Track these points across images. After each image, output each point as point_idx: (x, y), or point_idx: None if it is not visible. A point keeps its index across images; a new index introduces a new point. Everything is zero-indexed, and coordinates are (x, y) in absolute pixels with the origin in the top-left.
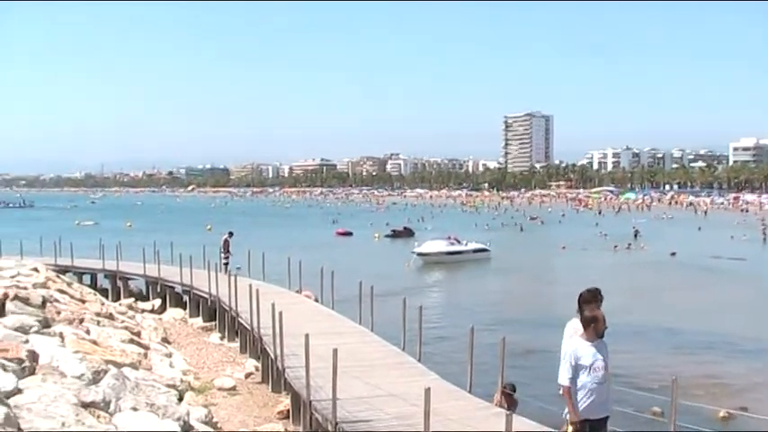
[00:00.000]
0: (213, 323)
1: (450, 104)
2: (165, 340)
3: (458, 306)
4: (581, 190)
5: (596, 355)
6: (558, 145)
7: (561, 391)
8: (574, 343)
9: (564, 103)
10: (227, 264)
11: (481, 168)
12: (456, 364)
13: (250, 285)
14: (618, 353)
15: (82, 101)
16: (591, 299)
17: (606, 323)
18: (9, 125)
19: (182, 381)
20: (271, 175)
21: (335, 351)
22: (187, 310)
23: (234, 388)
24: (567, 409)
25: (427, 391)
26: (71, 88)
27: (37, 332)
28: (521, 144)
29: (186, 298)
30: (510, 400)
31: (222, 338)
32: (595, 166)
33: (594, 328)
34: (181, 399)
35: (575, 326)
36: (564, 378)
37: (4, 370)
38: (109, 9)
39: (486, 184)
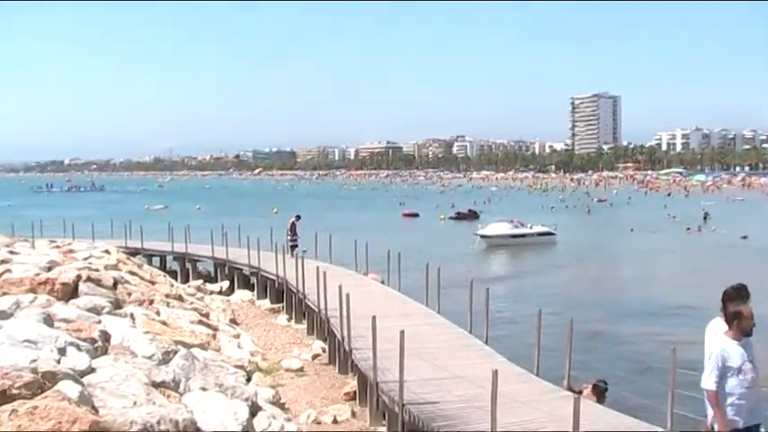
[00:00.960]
0: (280, 305)
1: (517, 86)
2: (234, 321)
3: (523, 289)
4: (649, 172)
5: (744, 356)
6: (626, 126)
7: (706, 396)
8: (720, 342)
9: (632, 84)
10: (294, 246)
11: (548, 150)
12: (523, 346)
13: (317, 267)
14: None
15: (151, 85)
16: (736, 296)
17: (753, 320)
18: (81, 110)
19: (249, 362)
20: (337, 158)
21: (402, 333)
22: (255, 292)
23: (301, 369)
24: (711, 415)
25: (494, 373)
26: (141, 73)
27: (109, 313)
28: (588, 125)
29: (254, 280)
30: (600, 397)
31: (289, 320)
32: (664, 148)
33: (739, 324)
34: (249, 379)
35: (717, 325)
36: (710, 382)
37: (78, 349)
38: None
39: (553, 166)
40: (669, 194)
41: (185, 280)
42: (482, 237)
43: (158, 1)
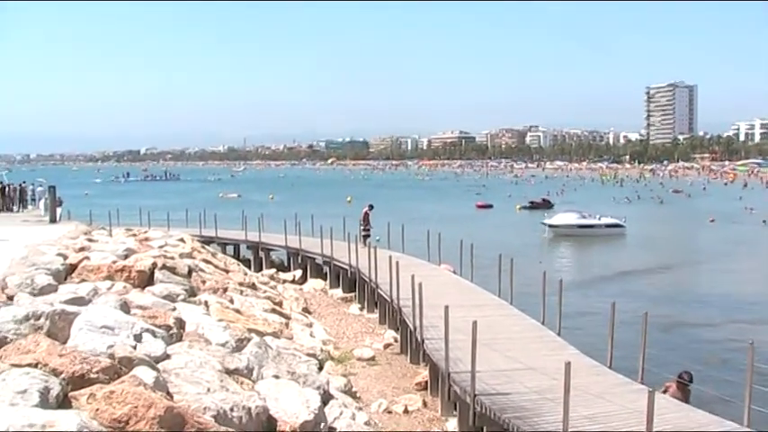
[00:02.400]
0: (353, 294)
1: (591, 75)
2: (306, 310)
3: (593, 280)
4: (726, 162)
5: None
6: (702, 116)
7: None
8: None
9: (709, 73)
10: (367, 236)
11: (622, 140)
12: (595, 338)
13: (390, 257)
14: None
15: (225, 75)
16: None
17: None
18: (157, 101)
19: (322, 350)
20: (410, 148)
21: (475, 323)
22: (327, 281)
23: (373, 358)
24: None
25: (567, 365)
26: (215, 63)
27: (183, 300)
28: (663, 115)
29: (326, 269)
30: (684, 392)
31: (361, 309)
32: (742, 138)
33: None
34: (321, 368)
35: None
36: None
37: (154, 336)
38: None
39: (628, 157)
40: (746, 185)
41: (259, 269)
42: (549, 226)
43: None
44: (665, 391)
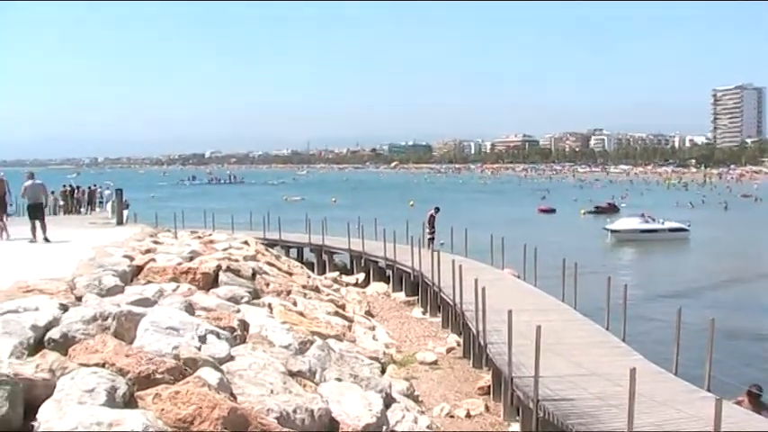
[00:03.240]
0: (416, 297)
1: (656, 78)
2: (369, 313)
3: (656, 285)
4: None
5: None
6: None
7: None
8: None
9: None
10: (431, 239)
11: (688, 144)
12: (660, 344)
13: (453, 261)
14: None
15: (289, 80)
16: None
17: None
18: (221, 105)
19: (384, 353)
20: (473, 152)
21: (539, 328)
22: (390, 285)
23: (435, 362)
24: None
25: (632, 371)
26: (279, 68)
27: (247, 302)
28: (731, 118)
29: (389, 272)
30: (757, 404)
31: (424, 313)
32: None
33: None
34: (383, 371)
35: None
36: None
37: (218, 337)
38: None
39: (694, 161)
40: None
41: (322, 271)
42: (611, 231)
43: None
44: (738, 404)
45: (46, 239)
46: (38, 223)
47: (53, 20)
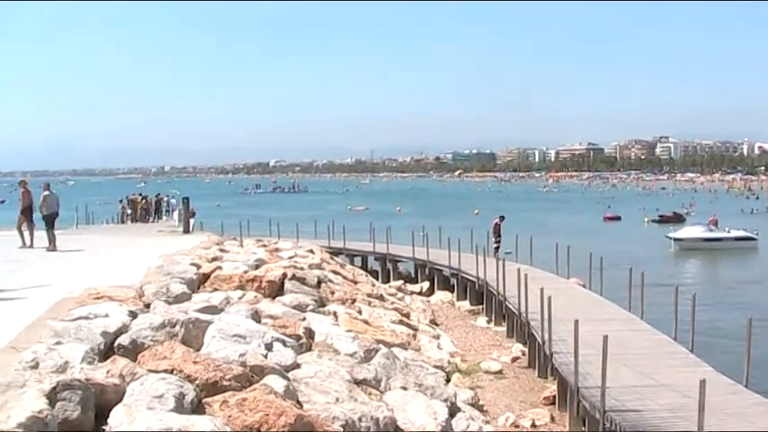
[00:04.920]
0: (480, 306)
1: (724, 83)
2: (433, 322)
3: (724, 295)
4: None
5: None
6: None
7: None
8: None
9: None
10: (497, 248)
11: (757, 151)
12: (729, 355)
13: (518, 270)
14: None
15: (353, 89)
16: None
17: None
18: (285, 114)
19: (449, 362)
20: (537, 160)
21: (606, 338)
22: (455, 293)
23: (500, 371)
24: None
25: (702, 383)
26: (343, 77)
27: (312, 310)
28: None
29: (454, 281)
30: None
31: (489, 322)
32: None
33: None
34: (448, 380)
35: None
36: None
37: (284, 345)
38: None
39: (763, 168)
40: None
41: (386, 280)
42: (675, 240)
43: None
44: None
45: (53, 249)
46: (48, 232)
47: (124, 40)
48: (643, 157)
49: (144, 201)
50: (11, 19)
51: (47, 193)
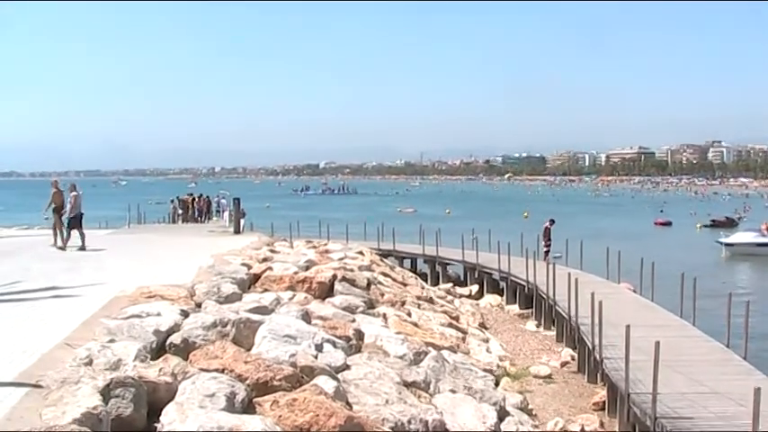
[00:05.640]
0: (530, 310)
1: None
2: (482, 325)
3: None
4: None
5: None
6: None
7: None
8: None
9: None
10: (547, 251)
11: None
12: None
13: (569, 274)
14: None
15: (403, 91)
16: None
17: None
18: (334, 116)
19: (498, 366)
20: (587, 164)
21: (657, 344)
22: (504, 297)
23: (549, 376)
24: None
25: (756, 391)
26: (392, 79)
27: (362, 312)
28: None
29: (503, 284)
30: None
31: (538, 326)
32: None
33: None
34: (497, 384)
35: None
36: None
37: (334, 346)
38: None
39: None
40: None
41: (435, 283)
42: (726, 245)
43: None
44: None
45: (83, 248)
46: (60, 230)
47: (177, 42)
48: (695, 161)
49: (194, 201)
50: (70, 21)
51: (75, 193)
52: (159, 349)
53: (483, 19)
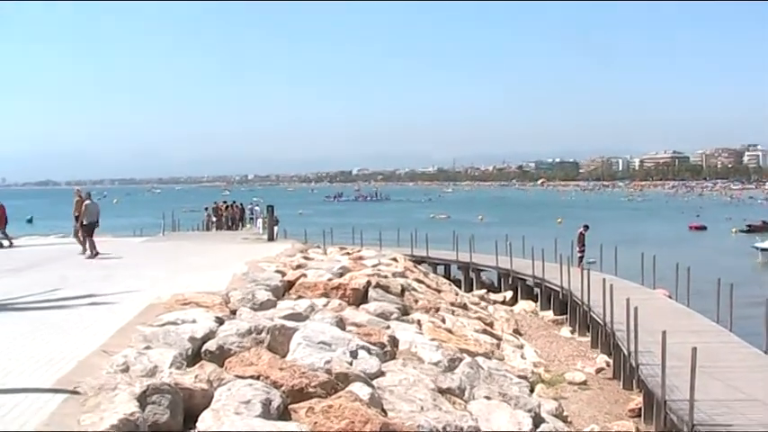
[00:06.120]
0: (564, 316)
1: None
2: (517, 332)
3: None
4: None
5: None
6: None
7: None
8: None
9: None
10: (581, 257)
11: None
12: None
13: (603, 280)
14: None
15: (435, 98)
16: None
17: None
18: (368, 122)
19: (533, 372)
20: (621, 169)
21: (694, 350)
22: (538, 303)
23: (584, 382)
24: None
25: None
26: (424, 86)
27: (396, 319)
28: None
29: (537, 290)
30: None
31: (573, 332)
32: None
33: None
34: (532, 390)
35: None
36: None
37: (369, 353)
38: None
39: None
40: None
41: (469, 289)
42: (762, 250)
43: None
44: None
45: (96, 254)
46: (88, 240)
47: (211, 50)
48: (730, 165)
49: (228, 209)
50: (101, 26)
51: (88, 202)
52: (195, 356)
53: (513, 24)
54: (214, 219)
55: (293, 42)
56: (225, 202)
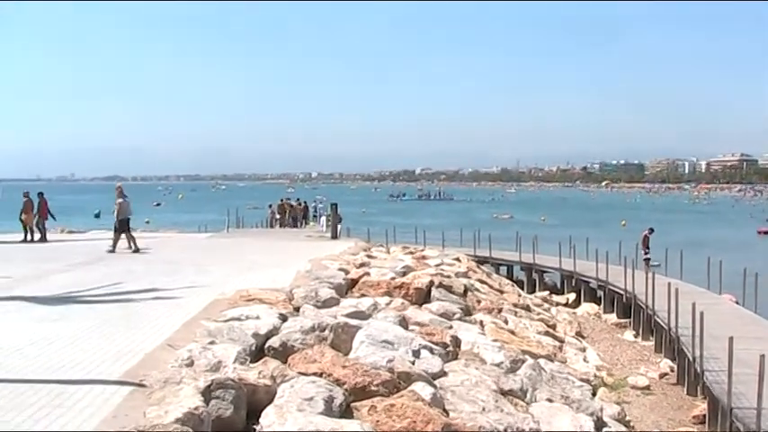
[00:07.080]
0: (627, 320)
1: None
2: (579, 334)
3: None
4: None
5: None
6: None
7: None
8: None
9: None
10: (646, 260)
11: None
12: None
13: (669, 284)
14: None
15: (500, 98)
16: None
17: None
18: (432, 122)
19: (595, 376)
20: (687, 171)
21: (762, 357)
22: (601, 306)
23: (647, 387)
24: None
25: None
26: (488, 86)
27: (459, 319)
28: None
29: (601, 293)
30: None
31: (636, 336)
32: None
33: None
34: (594, 394)
35: None
36: None
37: (431, 353)
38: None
39: None
40: None
41: (531, 290)
42: None
43: None
44: None
45: (136, 250)
46: (125, 235)
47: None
48: None
49: (292, 208)
50: (168, 28)
51: (121, 200)
52: (258, 352)
53: (576, 27)
54: (278, 216)
55: (366, 42)
56: (289, 200)
